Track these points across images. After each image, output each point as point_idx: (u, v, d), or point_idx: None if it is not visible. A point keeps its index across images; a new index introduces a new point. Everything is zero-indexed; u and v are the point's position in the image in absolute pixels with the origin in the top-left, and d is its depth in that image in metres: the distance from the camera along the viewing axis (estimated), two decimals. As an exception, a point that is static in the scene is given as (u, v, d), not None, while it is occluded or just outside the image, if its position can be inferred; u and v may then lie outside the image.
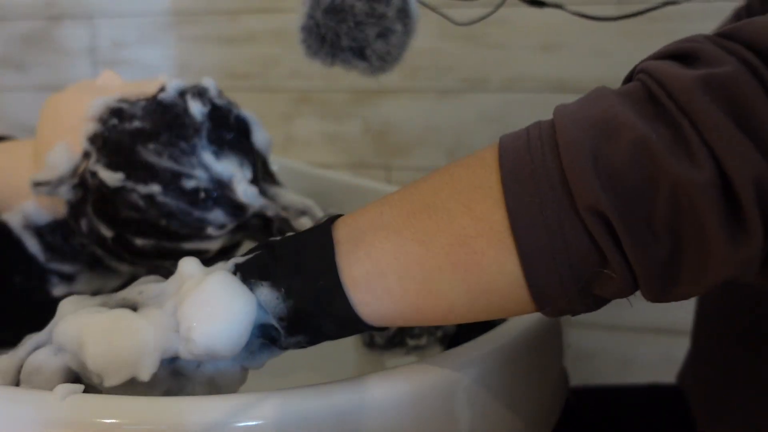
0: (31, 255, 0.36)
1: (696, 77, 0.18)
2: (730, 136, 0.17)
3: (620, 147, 0.18)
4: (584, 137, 0.18)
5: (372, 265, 0.21)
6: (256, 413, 0.22)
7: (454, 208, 0.20)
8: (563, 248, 0.19)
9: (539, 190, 0.19)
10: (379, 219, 0.21)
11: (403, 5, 0.37)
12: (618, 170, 0.18)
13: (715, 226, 0.17)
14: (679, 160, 0.17)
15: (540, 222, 0.19)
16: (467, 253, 0.20)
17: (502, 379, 0.26)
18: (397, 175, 0.81)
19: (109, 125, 0.33)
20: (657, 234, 0.18)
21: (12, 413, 0.22)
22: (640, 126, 0.18)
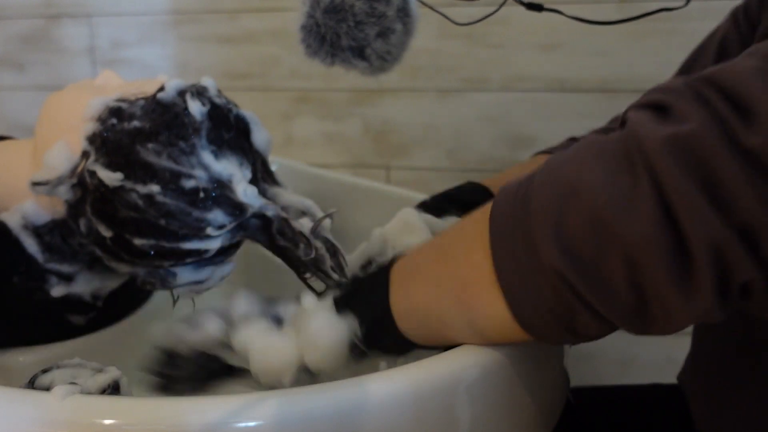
0: (29, 255, 0.36)
1: (664, 136, 0.19)
2: (689, 198, 0.18)
3: (579, 214, 0.20)
4: (550, 203, 0.21)
5: (409, 303, 0.27)
6: (256, 413, 0.22)
7: (460, 256, 0.25)
8: (540, 298, 0.22)
9: (516, 247, 0.22)
10: (416, 264, 0.28)
11: (403, 5, 0.37)
12: (575, 237, 0.20)
13: (667, 282, 0.19)
14: (633, 220, 0.19)
15: (519, 275, 0.22)
16: (468, 296, 0.24)
17: (503, 379, 0.26)
18: (397, 175, 0.81)
19: (108, 125, 0.33)
20: (618, 289, 0.20)
21: (12, 413, 0.22)
22: (601, 192, 0.19)
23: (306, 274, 0.35)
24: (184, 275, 0.35)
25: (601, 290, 0.20)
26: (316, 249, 0.34)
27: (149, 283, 0.35)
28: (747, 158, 0.18)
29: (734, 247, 0.18)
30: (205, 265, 0.35)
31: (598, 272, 0.20)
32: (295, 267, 0.36)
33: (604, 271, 0.20)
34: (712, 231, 0.18)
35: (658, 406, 0.46)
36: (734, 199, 0.18)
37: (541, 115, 0.75)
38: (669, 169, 0.18)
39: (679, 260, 0.18)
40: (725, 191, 0.18)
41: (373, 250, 0.36)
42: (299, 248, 0.34)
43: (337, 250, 0.35)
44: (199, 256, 0.34)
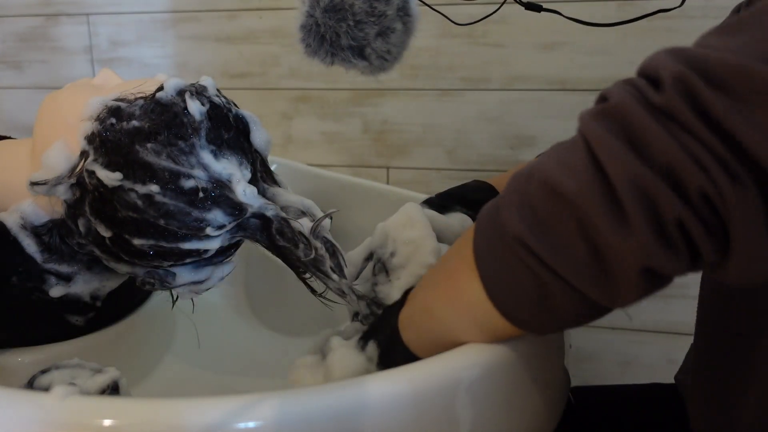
0: (28, 255, 0.36)
1: (593, 111, 0.23)
2: (611, 148, 0.21)
3: (536, 187, 0.24)
4: (517, 186, 0.25)
5: (410, 310, 0.31)
6: (256, 413, 0.22)
7: (451, 256, 0.29)
8: (509, 271, 0.24)
9: (490, 231, 0.25)
10: (422, 279, 0.32)
11: (403, 4, 0.36)
12: (532, 205, 0.23)
13: (606, 225, 0.21)
14: (573, 177, 0.22)
15: (491, 253, 0.25)
16: (453, 285, 0.27)
17: (503, 379, 0.26)
18: (397, 175, 0.81)
19: (107, 124, 0.33)
20: (571, 244, 0.22)
21: (11, 414, 0.22)
22: (553, 165, 0.23)
23: (305, 274, 0.35)
24: (183, 275, 0.35)
25: (558, 249, 0.22)
26: (315, 249, 0.34)
27: (149, 283, 0.35)
28: (656, 111, 0.21)
29: (656, 183, 0.20)
30: (205, 265, 0.35)
31: (553, 231, 0.22)
32: (294, 267, 0.36)
33: (557, 228, 0.22)
34: (631, 169, 0.21)
35: (658, 406, 0.46)
36: (651, 143, 0.21)
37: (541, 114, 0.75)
38: (595, 131, 0.22)
39: (612, 204, 0.21)
40: (642, 138, 0.21)
41: (375, 244, 0.36)
42: (299, 248, 0.34)
43: (337, 250, 0.34)
44: (199, 256, 0.34)
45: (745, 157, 0.20)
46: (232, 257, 0.37)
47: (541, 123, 0.75)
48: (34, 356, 0.38)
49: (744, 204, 0.20)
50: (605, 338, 0.74)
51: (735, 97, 0.20)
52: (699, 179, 0.20)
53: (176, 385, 0.44)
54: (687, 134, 0.20)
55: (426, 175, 0.80)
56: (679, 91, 0.21)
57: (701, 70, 0.21)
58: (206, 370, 0.47)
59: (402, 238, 0.35)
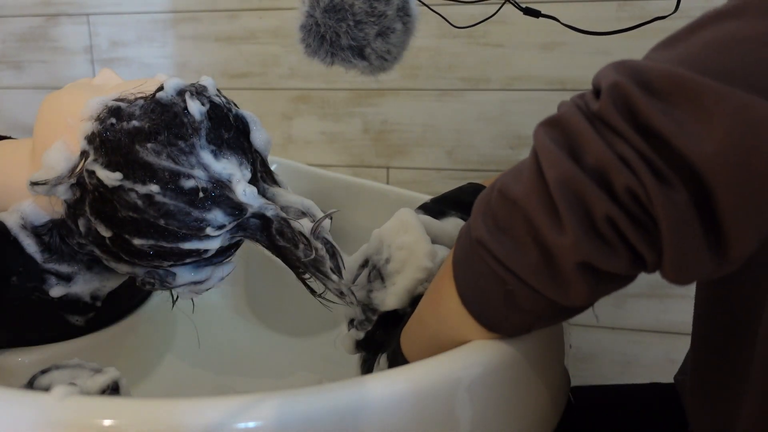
0: (28, 255, 0.36)
1: (544, 121, 0.25)
2: (549, 151, 0.23)
3: (496, 195, 0.25)
4: (483, 196, 0.27)
5: (408, 324, 0.33)
6: (256, 414, 0.22)
7: (442, 266, 0.30)
8: (474, 273, 0.26)
9: (463, 243, 0.27)
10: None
11: (402, 4, 0.36)
12: (492, 211, 0.25)
13: (546, 223, 0.23)
14: (522, 183, 0.24)
15: (464, 262, 0.27)
16: (437, 292, 0.30)
17: (503, 379, 0.26)
18: (397, 175, 0.81)
19: (107, 124, 0.33)
20: (523, 243, 0.24)
21: (11, 414, 0.22)
22: (505, 176, 0.26)
23: (305, 274, 0.35)
24: (183, 275, 0.35)
25: (513, 251, 0.24)
26: (316, 250, 0.34)
27: (149, 283, 0.35)
28: (593, 118, 0.23)
29: (585, 182, 0.22)
30: (205, 265, 0.35)
31: (508, 234, 0.24)
32: (294, 267, 0.36)
33: (511, 232, 0.24)
34: (564, 171, 0.22)
35: (658, 406, 0.46)
36: (584, 147, 0.22)
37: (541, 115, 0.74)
38: (541, 139, 0.24)
39: (548, 204, 0.23)
40: (578, 143, 0.23)
41: (370, 250, 0.37)
42: (299, 249, 0.34)
43: (336, 251, 0.34)
44: (199, 256, 0.34)
45: (672, 156, 0.21)
46: (232, 257, 0.37)
47: (541, 123, 0.74)
48: (34, 356, 0.38)
49: (671, 202, 0.21)
50: (605, 338, 0.74)
51: (663, 100, 0.21)
52: (626, 178, 0.21)
53: (176, 385, 0.44)
54: (617, 137, 0.22)
55: (426, 175, 0.80)
56: (613, 98, 0.22)
57: (635, 78, 0.22)
58: (206, 370, 0.47)
59: (397, 243, 0.35)
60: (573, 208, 0.22)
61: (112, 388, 0.29)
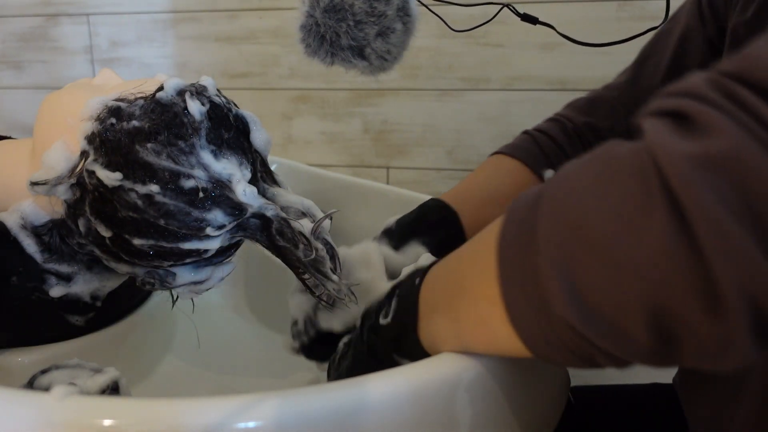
0: (28, 255, 0.36)
1: (687, 155, 0.15)
2: (721, 233, 0.14)
3: (589, 262, 0.17)
4: (558, 248, 0.18)
5: (433, 340, 0.27)
6: (255, 414, 0.22)
7: (476, 290, 0.23)
8: (555, 343, 0.20)
9: (526, 292, 0.19)
10: (436, 300, 0.27)
11: (403, 4, 0.36)
12: (587, 287, 0.17)
13: (694, 319, 0.16)
14: (652, 262, 0.15)
15: (533, 322, 0.20)
16: (485, 331, 0.23)
17: (503, 379, 0.26)
18: (397, 175, 0.81)
19: (107, 124, 0.33)
20: (638, 338, 0.17)
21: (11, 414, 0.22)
22: (613, 233, 0.16)
23: (305, 274, 0.35)
24: (183, 275, 0.35)
25: (615, 336, 0.17)
26: (316, 250, 0.34)
27: (149, 283, 0.35)
28: None
29: None
30: (205, 265, 0.35)
31: (610, 317, 0.17)
32: (294, 267, 0.36)
33: (616, 315, 0.17)
34: (750, 274, 0.14)
35: (658, 406, 0.46)
36: None
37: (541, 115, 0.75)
38: (696, 197, 0.15)
39: (707, 304, 0.15)
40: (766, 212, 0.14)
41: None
42: (299, 249, 0.34)
43: (335, 253, 0.35)
44: (199, 257, 0.34)
45: None
46: (232, 257, 0.37)
47: (541, 123, 0.74)
48: (34, 356, 0.38)
49: None
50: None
51: None
52: None
53: (176, 385, 0.44)
54: None
55: (426, 175, 0.80)
56: None
57: None
58: (206, 370, 0.47)
59: (355, 276, 0.35)
60: (753, 323, 0.15)
61: (112, 388, 0.29)
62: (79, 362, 0.31)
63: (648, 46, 0.47)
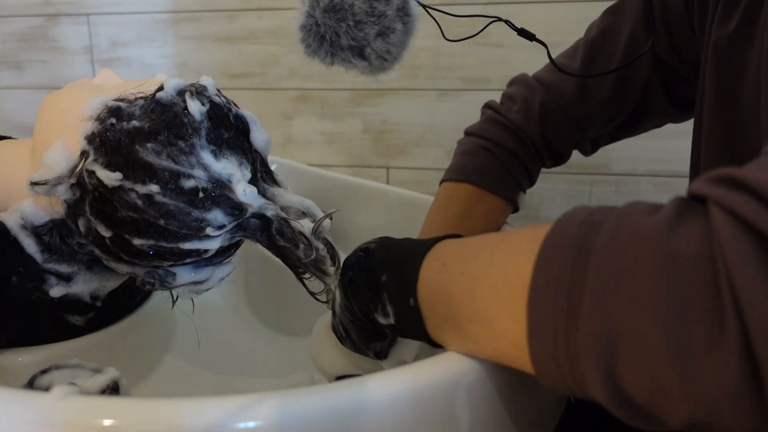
0: (28, 255, 0.36)
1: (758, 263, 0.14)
2: None
3: (636, 374, 0.17)
4: (601, 340, 0.17)
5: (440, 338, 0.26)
6: (255, 414, 0.22)
7: (498, 327, 0.22)
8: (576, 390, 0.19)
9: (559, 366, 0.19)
10: (448, 315, 0.25)
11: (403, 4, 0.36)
12: (629, 385, 0.17)
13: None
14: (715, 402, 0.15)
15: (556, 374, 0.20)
16: (511, 360, 0.23)
17: (503, 380, 0.26)
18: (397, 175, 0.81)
19: (107, 124, 0.33)
20: (668, 426, 0.17)
21: (11, 414, 0.22)
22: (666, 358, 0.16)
23: (305, 274, 0.35)
24: (183, 275, 0.35)
25: (648, 423, 0.18)
26: (317, 250, 0.34)
27: (149, 283, 0.35)
28: None
29: None
30: (205, 265, 0.35)
31: (650, 416, 0.17)
32: (294, 267, 0.36)
33: (659, 414, 0.17)
34: None
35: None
36: None
37: (541, 114, 0.74)
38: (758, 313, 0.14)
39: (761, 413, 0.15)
40: None
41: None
42: (299, 249, 0.34)
43: (335, 252, 0.35)
44: (199, 257, 0.34)
45: None
46: (232, 257, 0.37)
47: (541, 123, 0.74)
48: (34, 356, 0.38)
49: None
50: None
51: None
52: None
53: (176, 385, 0.44)
54: None
55: (426, 175, 0.80)
56: None
57: None
58: (206, 370, 0.47)
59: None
60: None
61: (112, 388, 0.29)
62: (79, 362, 0.31)
63: (595, 45, 0.44)
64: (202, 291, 0.37)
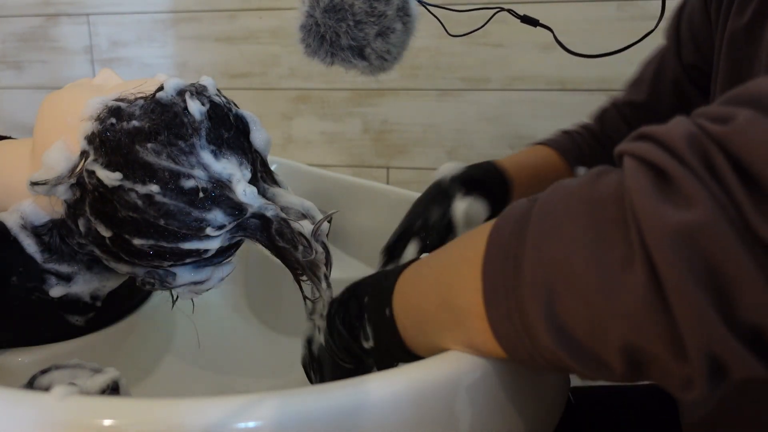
0: (28, 255, 0.36)
1: (667, 227, 0.16)
2: (689, 299, 0.16)
3: (571, 299, 0.19)
4: (542, 284, 0.20)
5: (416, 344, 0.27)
6: (255, 414, 0.22)
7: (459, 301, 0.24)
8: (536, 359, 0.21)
9: (510, 317, 0.21)
10: (415, 306, 0.27)
11: (403, 4, 0.37)
12: (568, 321, 0.19)
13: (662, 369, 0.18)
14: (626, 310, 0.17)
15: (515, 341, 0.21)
16: (472, 344, 0.24)
17: (503, 380, 0.26)
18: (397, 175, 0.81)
19: (107, 124, 0.33)
20: (613, 366, 0.19)
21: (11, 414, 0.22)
22: (592, 276, 0.18)
23: (303, 276, 0.35)
24: (183, 275, 0.35)
25: (595, 366, 0.20)
26: (316, 252, 0.34)
27: (149, 284, 0.35)
28: (758, 250, 0.15)
29: (735, 352, 0.16)
30: (205, 265, 0.35)
31: (592, 353, 0.19)
32: (292, 268, 0.36)
33: (598, 352, 0.19)
34: (710, 337, 0.16)
35: (657, 406, 0.46)
36: (741, 299, 0.16)
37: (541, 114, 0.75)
38: (671, 267, 0.16)
39: (675, 352, 0.17)
40: (731, 291, 0.16)
41: None
42: (298, 250, 0.34)
43: (330, 259, 0.35)
44: (199, 257, 0.34)
45: None
46: (232, 257, 0.37)
47: (540, 123, 0.75)
48: (34, 356, 0.38)
49: None
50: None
51: None
52: None
53: (176, 385, 0.44)
54: None
55: (426, 175, 0.80)
56: None
57: None
58: (206, 370, 0.47)
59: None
60: (712, 373, 0.17)
61: (112, 388, 0.29)
62: (79, 362, 0.31)
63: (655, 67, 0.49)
64: (202, 291, 0.37)
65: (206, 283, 0.36)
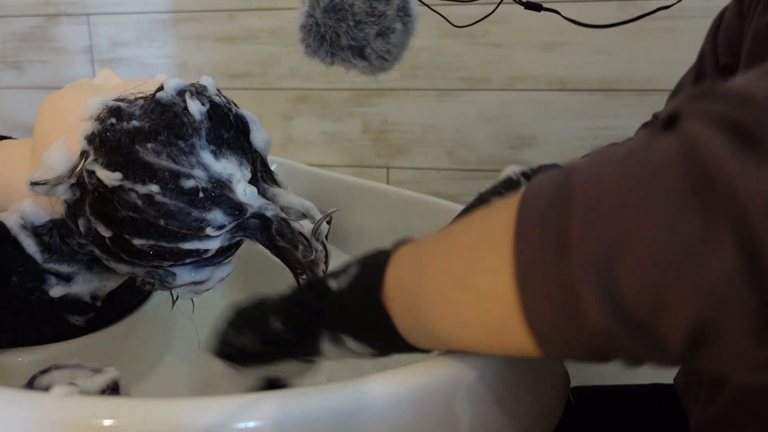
0: (28, 255, 0.36)
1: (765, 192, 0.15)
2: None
3: (635, 274, 0.16)
4: (597, 258, 0.17)
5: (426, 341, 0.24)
6: (255, 414, 0.22)
7: (482, 286, 0.21)
8: (579, 349, 0.19)
9: (553, 301, 0.18)
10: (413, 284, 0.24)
11: (403, 4, 0.37)
12: (630, 299, 0.17)
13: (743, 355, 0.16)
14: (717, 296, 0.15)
15: (557, 329, 0.19)
16: (496, 335, 0.21)
17: (503, 380, 0.26)
18: (397, 175, 0.81)
19: (107, 124, 0.33)
20: (671, 344, 0.17)
21: (11, 414, 0.22)
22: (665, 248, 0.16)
23: (303, 275, 0.35)
24: (183, 275, 0.35)
25: (649, 347, 0.17)
26: (316, 251, 0.34)
27: (149, 284, 0.35)
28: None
29: None
30: (205, 265, 0.35)
31: (651, 331, 0.17)
32: (292, 268, 0.36)
33: (659, 330, 0.17)
34: None
35: (658, 406, 0.46)
36: None
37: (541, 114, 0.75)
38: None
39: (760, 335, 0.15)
40: None
41: None
42: (298, 249, 0.34)
43: (328, 259, 0.35)
44: (199, 257, 0.34)
45: None
46: (232, 257, 0.37)
47: (541, 123, 0.75)
48: (34, 356, 0.38)
49: None
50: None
51: None
52: None
53: (176, 385, 0.44)
54: None
55: (426, 175, 0.80)
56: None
57: None
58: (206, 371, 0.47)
59: None
60: None
61: (112, 388, 0.29)
62: (79, 362, 0.31)
63: (694, 74, 0.47)
64: (202, 291, 0.37)
65: (206, 283, 0.36)
